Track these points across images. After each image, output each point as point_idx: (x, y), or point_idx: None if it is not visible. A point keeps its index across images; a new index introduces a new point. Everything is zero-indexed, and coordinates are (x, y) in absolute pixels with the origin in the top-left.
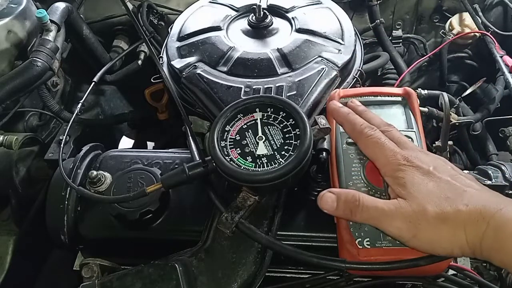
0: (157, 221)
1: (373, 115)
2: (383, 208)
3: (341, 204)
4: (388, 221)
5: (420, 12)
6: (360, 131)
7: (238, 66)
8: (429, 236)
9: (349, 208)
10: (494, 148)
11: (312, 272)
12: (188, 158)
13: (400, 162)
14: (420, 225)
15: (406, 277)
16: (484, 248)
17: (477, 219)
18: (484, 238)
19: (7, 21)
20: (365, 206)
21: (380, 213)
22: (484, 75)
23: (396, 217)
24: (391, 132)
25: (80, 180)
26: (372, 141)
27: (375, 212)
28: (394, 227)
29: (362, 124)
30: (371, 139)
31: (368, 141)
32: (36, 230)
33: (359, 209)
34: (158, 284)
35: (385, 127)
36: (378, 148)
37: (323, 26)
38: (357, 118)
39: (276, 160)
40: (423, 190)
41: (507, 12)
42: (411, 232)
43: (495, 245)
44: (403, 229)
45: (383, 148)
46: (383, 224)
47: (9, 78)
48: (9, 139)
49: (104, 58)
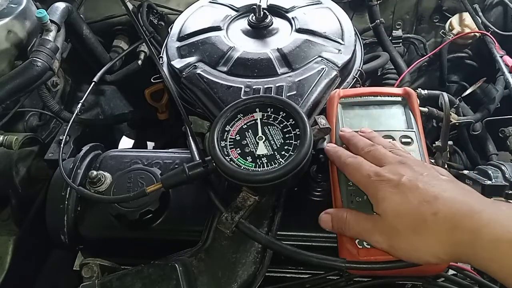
0: (157, 221)
1: (358, 139)
2: (363, 225)
3: (335, 223)
4: (369, 235)
5: (420, 12)
6: (343, 162)
7: (238, 66)
8: (403, 247)
9: (340, 227)
10: (494, 148)
11: (312, 272)
12: (188, 158)
13: (373, 179)
14: (393, 237)
15: (406, 277)
16: (462, 254)
17: (448, 227)
18: (460, 245)
19: (7, 21)
20: (350, 224)
21: (362, 229)
22: (484, 75)
23: (374, 232)
24: (373, 151)
25: (80, 180)
26: (352, 166)
27: (358, 229)
28: (374, 240)
29: (346, 155)
30: (350, 165)
31: (349, 167)
32: (36, 230)
33: (347, 227)
34: (158, 284)
35: (368, 147)
36: (355, 171)
37: (323, 26)
38: (343, 152)
39: (276, 160)
40: (392, 205)
41: (507, 12)
42: (388, 244)
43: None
44: (380, 241)
45: (360, 171)
46: (365, 238)
47: (9, 78)
48: (9, 139)
49: (104, 58)
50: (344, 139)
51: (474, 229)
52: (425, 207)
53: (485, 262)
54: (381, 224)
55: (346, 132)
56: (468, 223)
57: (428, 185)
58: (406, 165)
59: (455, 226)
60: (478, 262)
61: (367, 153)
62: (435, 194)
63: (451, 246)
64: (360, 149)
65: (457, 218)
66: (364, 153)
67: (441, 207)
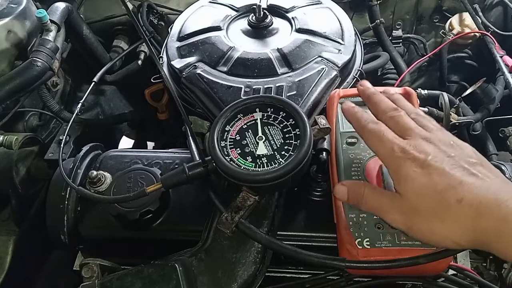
0: (157, 221)
1: (380, 98)
2: (381, 201)
3: (350, 195)
4: (385, 212)
5: (420, 12)
6: (363, 126)
7: (238, 66)
8: (422, 229)
9: (356, 198)
10: (494, 148)
11: (312, 272)
12: (188, 158)
13: (397, 155)
14: (413, 218)
15: (406, 277)
16: (485, 242)
17: (473, 215)
18: (484, 233)
19: (7, 21)
20: (368, 198)
21: (379, 205)
22: (484, 75)
23: (392, 210)
24: (396, 117)
25: (80, 180)
26: (373, 134)
27: (375, 204)
28: (391, 218)
29: (366, 120)
30: (372, 133)
31: (369, 135)
32: (36, 230)
33: (364, 200)
34: (158, 284)
35: (391, 112)
36: (377, 141)
37: (323, 26)
38: (363, 115)
39: (276, 160)
40: (416, 186)
41: (507, 12)
42: (406, 224)
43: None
44: (398, 220)
45: (382, 141)
46: (382, 214)
47: (9, 78)
48: (9, 139)
49: (104, 58)
50: (363, 96)
51: (500, 218)
52: (450, 192)
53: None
54: (400, 202)
55: (367, 88)
56: (494, 212)
57: (455, 168)
58: (433, 143)
59: (480, 214)
60: (503, 250)
61: (390, 118)
62: (461, 179)
63: (474, 234)
64: (382, 111)
65: (483, 206)
66: (387, 117)
67: (466, 194)
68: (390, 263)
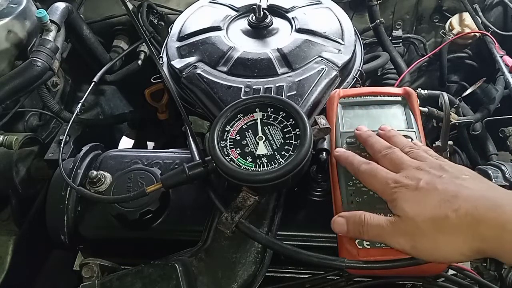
0: (157, 221)
1: (375, 140)
2: (383, 226)
3: (350, 226)
4: (389, 237)
5: (420, 12)
6: (357, 169)
7: (238, 66)
8: (426, 246)
9: (357, 229)
10: (494, 148)
11: (312, 272)
12: (188, 158)
13: (391, 186)
14: (416, 237)
15: (406, 277)
16: (488, 249)
17: (471, 222)
18: (486, 240)
19: (7, 21)
20: (369, 226)
21: (381, 231)
22: (484, 75)
23: (395, 234)
24: (389, 154)
25: (80, 180)
26: (367, 174)
27: (378, 231)
28: (395, 242)
29: (358, 162)
30: (365, 173)
31: (364, 175)
32: (36, 230)
33: (365, 229)
34: (158, 284)
35: (385, 151)
36: (372, 179)
37: (323, 26)
38: (354, 158)
39: (276, 160)
40: (414, 206)
41: (507, 12)
42: (410, 244)
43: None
44: (402, 242)
45: (376, 178)
46: (386, 240)
47: (9, 78)
48: (9, 139)
49: (104, 58)
50: (360, 139)
51: (499, 223)
52: (446, 205)
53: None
54: (402, 225)
55: (363, 132)
56: (492, 217)
57: (446, 185)
58: (423, 169)
59: (478, 221)
60: (506, 256)
61: (384, 156)
62: (455, 193)
63: (476, 242)
64: (377, 151)
65: (480, 213)
66: (381, 156)
67: (462, 204)
68: (390, 263)
